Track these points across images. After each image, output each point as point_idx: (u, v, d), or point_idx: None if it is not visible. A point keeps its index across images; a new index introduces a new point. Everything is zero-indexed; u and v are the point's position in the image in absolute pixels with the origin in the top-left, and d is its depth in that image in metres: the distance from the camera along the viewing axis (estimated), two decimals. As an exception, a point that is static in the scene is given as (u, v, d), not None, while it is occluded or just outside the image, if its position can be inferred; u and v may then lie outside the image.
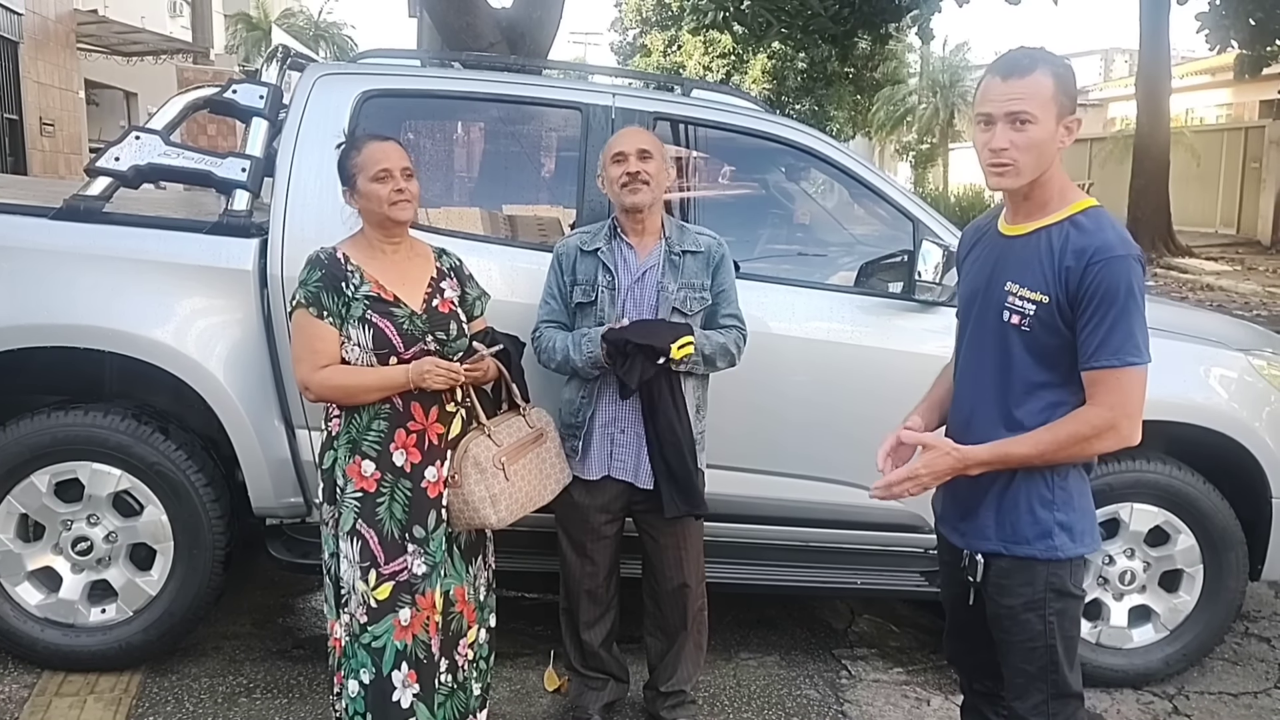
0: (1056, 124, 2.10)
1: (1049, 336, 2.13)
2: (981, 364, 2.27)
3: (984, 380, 2.26)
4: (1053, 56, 2.13)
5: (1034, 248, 2.15)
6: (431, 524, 2.77)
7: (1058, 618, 2.21)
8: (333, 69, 3.71)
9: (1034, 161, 2.10)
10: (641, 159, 3.00)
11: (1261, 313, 12.38)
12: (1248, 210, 21.44)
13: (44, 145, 17.27)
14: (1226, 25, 16.75)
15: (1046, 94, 2.08)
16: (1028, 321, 2.14)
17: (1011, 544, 2.22)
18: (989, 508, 2.24)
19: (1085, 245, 2.07)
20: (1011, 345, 2.18)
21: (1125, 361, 2.07)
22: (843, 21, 16.51)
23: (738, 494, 3.53)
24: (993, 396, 2.23)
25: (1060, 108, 2.09)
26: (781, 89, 32.29)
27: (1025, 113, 2.07)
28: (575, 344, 3.00)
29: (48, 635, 3.44)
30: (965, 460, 2.18)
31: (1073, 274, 2.07)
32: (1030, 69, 2.08)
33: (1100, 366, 2.08)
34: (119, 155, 3.45)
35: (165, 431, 3.39)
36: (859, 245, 4.02)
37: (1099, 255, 2.06)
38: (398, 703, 2.72)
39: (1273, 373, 3.75)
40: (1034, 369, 2.16)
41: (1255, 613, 4.41)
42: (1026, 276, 2.15)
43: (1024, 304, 2.15)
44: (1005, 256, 2.22)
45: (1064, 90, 2.10)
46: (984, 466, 2.18)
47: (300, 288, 2.73)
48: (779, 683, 3.69)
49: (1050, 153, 2.11)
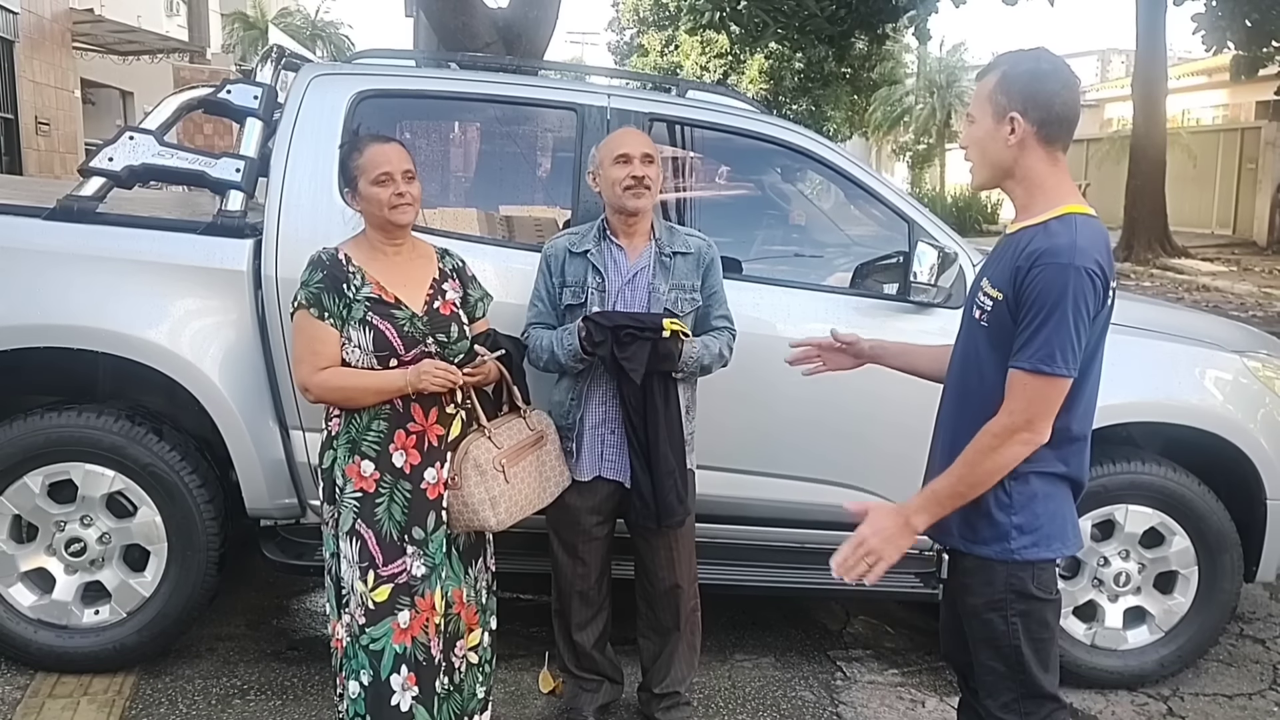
0: (995, 122, 2.11)
1: (1000, 333, 2.13)
2: (955, 359, 2.31)
3: (953, 374, 2.30)
4: (1019, 55, 2.15)
5: (1010, 246, 2.16)
6: (431, 525, 2.77)
7: (1021, 619, 2.20)
8: (327, 69, 3.71)
9: (979, 158, 2.15)
10: (645, 163, 3.00)
11: (1257, 313, 12.40)
12: (1243, 211, 21.48)
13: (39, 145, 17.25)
14: (1223, 26, 16.79)
15: (984, 92, 2.12)
16: (986, 317, 2.17)
17: (970, 543, 2.22)
18: None
19: (1037, 248, 2.06)
20: (975, 341, 2.21)
21: (1035, 367, 2.04)
22: (839, 22, 16.51)
23: (731, 495, 3.52)
24: (960, 392, 2.27)
25: (995, 105, 2.11)
26: (778, 89, 32.28)
27: (970, 112, 2.17)
28: (558, 339, 3.00)
29: (41, 637, 3.43)
30: (904, 512, 2.15)
31: (1020, 273, 2.07)
32: (987, 70, 2.14)
33: (1014, 367, 2.08)
34: (113, 155, 3.44)
35: (159, 433, 3.38)
36: (854, 246, 4.02)
37: (1043, 259, 2.04)
38: (396, 706, 2.72)
39: (1268, 374, 3.75)
40: (992, 366, 2.16)
41: (1250, 614, 4.41)
42: (995, 273, 2.18)
43: (986, 300, 2.17)
44: (994, 254, 2.27)
45: (1003, 88, 2.11)
46: (922, 514, 2.15)
47: (302, 288, 2.73)
48: (774, 684, 3.69)
49: (995, 151, 2.13)
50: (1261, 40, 16.98)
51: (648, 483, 3.01)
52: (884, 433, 3.50)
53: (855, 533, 2.15)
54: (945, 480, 2.14)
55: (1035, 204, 2.15)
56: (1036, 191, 2.15)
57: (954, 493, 2.14)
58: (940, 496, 2.15)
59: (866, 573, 2.13)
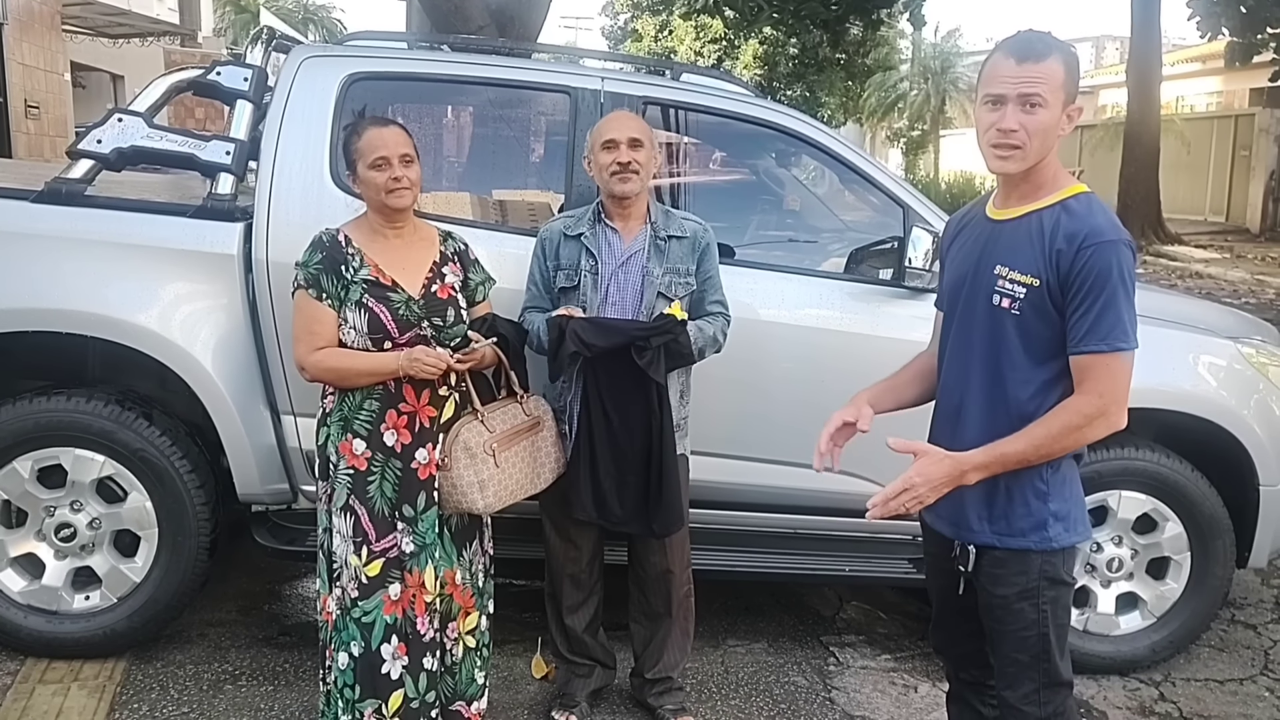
0: (1062, 111, 2.09)
1: (1039, 320, 2.11)
2: (970, 349, 2.24)
3: (973, 366, 2.23)
4: (1064, 43, 2.12)
5: (1025, 231, 2.13)
6: (421, 505, 2.79)
7: (1051, 606, 2.20)
8: (318, 51, 3.67)
9: (1039, 146, 2.09)
10: (632, 148, 2.97)
11: (1250, 300, 12.42)
12: (1237, 198, 21.49)
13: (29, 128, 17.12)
14: (1217, 13, 16.79)
15: (1058, 80, 2.07)
16: (1018, 305, 2.13)
17: (1005, 536, 2.19)
18: (980, 498, 2.21)
19: (1077, 229, 2.06)
20: (1003, 329, 2.16)
21: (1114, 347, 2.05)
22: (834, 7, 16.47)
23: (725, 480, 3.52)
24: (983, 382, 2.21)
25: (1068, 95, 2.09)
26: (773, 74, 32.19)
27: (1037, 95, 2.05)
28: (546, 325, 2.99)
29: (31, 622, 3.41)
30: (961, 466, 2.12)
31: (1064, 257, 2.06)
32: (1045, 54, 2.07)
33: (1089, 351, 2.07)
34: (101, 138, 3.41)
35: (149, 417, 3.36)
36: (849, 231, 4.00)
37: (1090, 239, 2.04)
38: (387, 674, 2.76)
39: (1261, 360, 3.75)
40: (1025, 353, 2.14)
41: (1242, 600, 4.42)
42: (1017, 259, 2.13)
43: (1014, 287, 2.13)
44: (995, 240, 2.20)
45: (1072, 78, 2.10)
46: (982, 471, 2.12)
47: (301, 269, 2.76)
48: (767, 670, 3.69)
49: (1053, 139, 2.11)
50: (1255, 27, 16.98)
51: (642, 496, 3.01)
52: (877, 418, 3.48)
53: (903, 477, 2.12)
54: (1017, 444, 2.10)
55: (1045, 186, 2.14)
56: (1049, 174, 2.15)
57: (1023, 459, 2.11)
58: (1008, 459, 2.11)
59: (899, 509, 2.13)
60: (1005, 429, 2.14)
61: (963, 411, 2.26)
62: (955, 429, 2.25)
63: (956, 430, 2.25)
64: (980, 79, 2.16)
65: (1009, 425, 2.15)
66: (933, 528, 2.38)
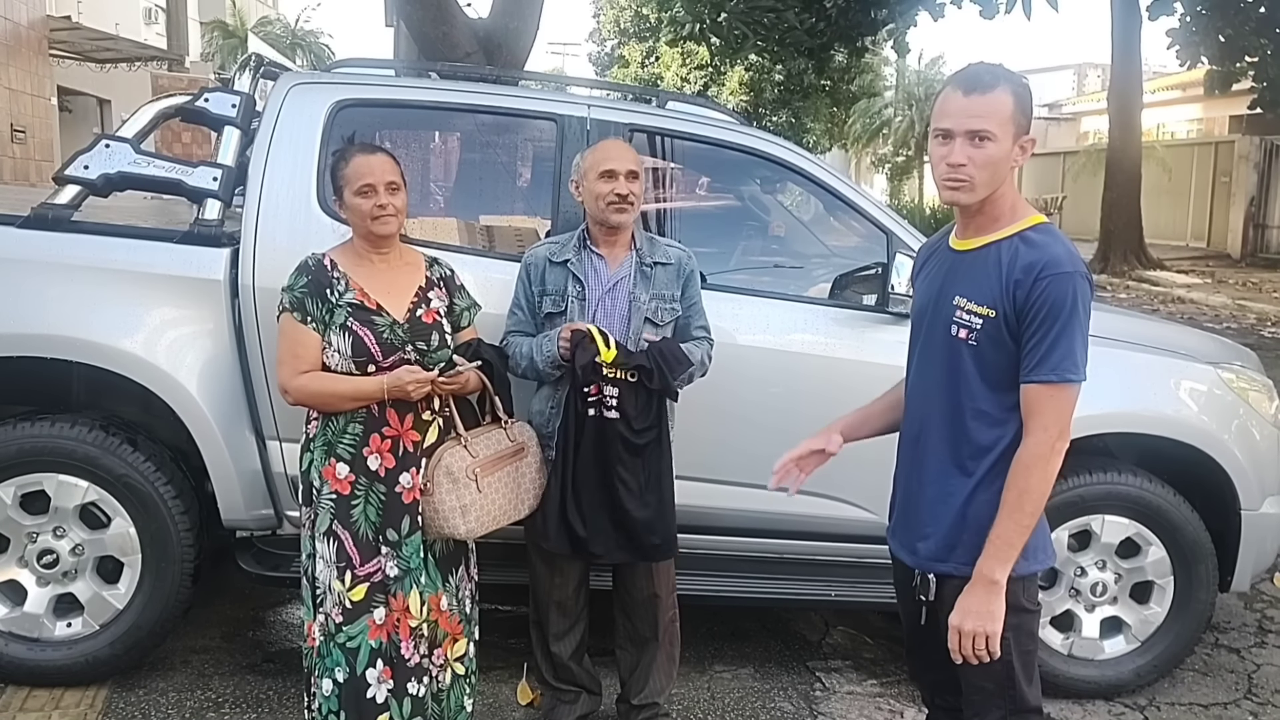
0: (1013, 143, 2.10)
1: (996, 350, 2.12)
2: (931, 378, 2.25)
3: (933, 394, 2.24)
4: (1013, 75, 2.13)
5: (983, 262, 2.15)
6: (405, 529, 2.79)
7: (1014, 633, 2.18)
8: (306, 78, 3.69)
9: (989, 179, 2.10)
10: (630, 179, 3.01)
11: (1231, 325, 12.52)
12: (1218, 224, 21.71)
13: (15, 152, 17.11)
14: (1197, 41, 16.95)
15: (1006, 112, 2.08)
16: (974, 335, 2.14)
17: (964, 565, 2.17)
18: (943, 528, 2.22)
19: (1034, 260, 2.08)
20: (960, 359, 2.17)
21: (1064, 378, 2.06)
22: (819, 35, 16.60)
23: (710, 506, 3.52)
24: (943, 410, 2.22)
25: (1017, 127, 2.10)
26: (759, 101, 32.42)
27: (985, 130, 2.07)
28: (537, 346, 3.00)
29: (12, 649, 3.38)
30: (983, 577, 2.11)
31: (1021, 287, 2.07)
32: (992, 86, 2.08)
33: (1038, 381, 2.08)
34: (88, 163, 3.41)
35: (133, 443, 3.35)
36: (833, 257, 4.03)
37: (1047, 270, 2.06)
38: (372, 699, 2.75)
39: (1241, 385, 3.78)
40: (982, 382, 2.15)
41: (1225, 624, 4.44)
42: (975, 290, 2.15)
43: (971, 318, 2.14)
44: (955, 271, 2.22)
45: (1022, 110, 2.10)
46: (1000, 562, 2.10)
47: (286, 292, 2.78)
48: (753, 695, 3.68)
49: (1004, 171, 2.11)
50: (1234, 55, 17.16)
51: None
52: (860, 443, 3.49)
53: (951, 629, 2.13)
54: (1005, 523, 2.09)
55: (1003, 218, 2.16)
56: (1005, 205, 2.16)
57: (1021, 527, 2.10)
58: (1010, 539, 2.10)
59: (985, 653, 2.12)
60: (964, 457, 2.17)
61: (922, 438, 2.27)
62: (916, 455, 2.27)
63: (917, 457, 2.27)
64: (932, 112, 2.18)
65: (968, 453, 2.17)
66: (896, 555, 2.38)
